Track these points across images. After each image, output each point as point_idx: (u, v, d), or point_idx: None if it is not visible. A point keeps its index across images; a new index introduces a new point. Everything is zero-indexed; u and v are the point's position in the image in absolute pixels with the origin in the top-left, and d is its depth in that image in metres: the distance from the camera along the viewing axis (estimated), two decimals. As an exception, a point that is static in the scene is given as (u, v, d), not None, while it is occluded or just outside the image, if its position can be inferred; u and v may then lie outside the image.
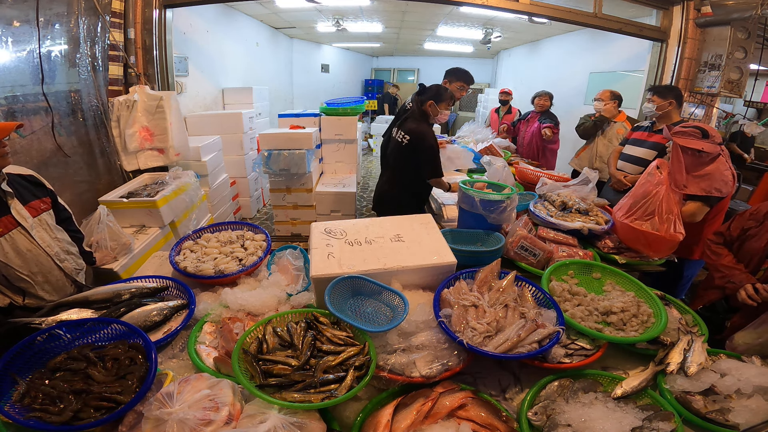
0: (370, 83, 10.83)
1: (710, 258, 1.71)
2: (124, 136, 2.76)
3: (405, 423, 0.97)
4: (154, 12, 2.98)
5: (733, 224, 1.72)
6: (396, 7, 5.41)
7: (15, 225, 1.46)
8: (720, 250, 1.69)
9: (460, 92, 2.87)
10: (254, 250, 1.72)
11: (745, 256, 1.64)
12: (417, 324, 1.23)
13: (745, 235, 1.65)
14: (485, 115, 6.24)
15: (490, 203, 1.81)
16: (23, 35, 2.17)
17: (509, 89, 4.97)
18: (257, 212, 4.75)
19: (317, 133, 3.95)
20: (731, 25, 3.08)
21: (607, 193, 2.81)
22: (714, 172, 1.80)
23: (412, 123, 2.24)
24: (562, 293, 1.44)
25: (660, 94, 2.49)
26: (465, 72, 2.87)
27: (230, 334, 1.22)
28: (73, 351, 1.11)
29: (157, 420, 0.88)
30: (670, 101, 2.47)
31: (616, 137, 3.15)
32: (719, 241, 1.74)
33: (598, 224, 1.94)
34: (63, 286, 1.62)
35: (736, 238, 1.69)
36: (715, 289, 1.69)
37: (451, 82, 2.89)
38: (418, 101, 2.24)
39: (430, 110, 2.21)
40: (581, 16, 3.43)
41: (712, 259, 1.70)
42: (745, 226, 1.66)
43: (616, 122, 3.18)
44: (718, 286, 1.63)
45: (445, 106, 2.22)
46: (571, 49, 6.00)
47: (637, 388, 1.10)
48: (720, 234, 1.74)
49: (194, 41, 4.25)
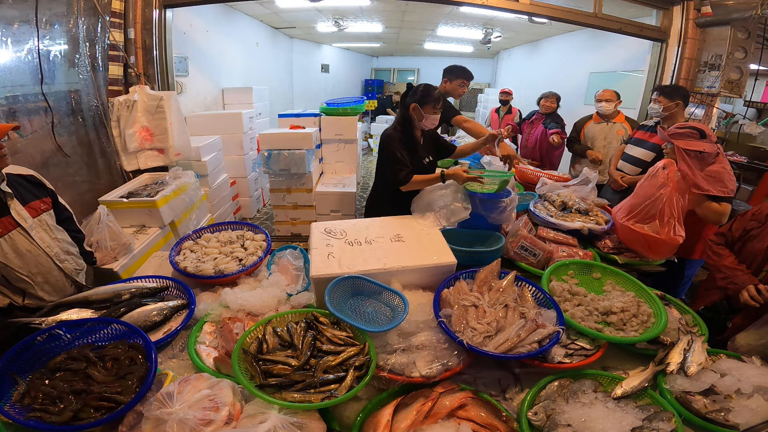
0: (370, 83, 10.83)
1: (711, 259, 1.70)
2: (124, 136, 2.76)
3: (405, 423, 0.97)
4: (154, 12, 2.98)
5: (735, 225, 1.71)
6: (396, 7, 5.41)
7: (14, 226, 1.46)
8: (721, 251, 1.68)
9: (461, 89, 2.84)
10: (254, 250, 1.72)
11: (747, 257, 1.63)
12: (417, 324, 1.23)
13: (747, 236, 1.65)
14: (485, 115, 6.24)
15: (489, 203, 1.81)
16: (23, 35, 2.17)
17: (509, 89, 4.97)
18: (257, 212, 4.75)
19: (317, 133, 3.95)
20: (731, 25, 3.08)
21: (607, 192, 2.81)
22: (722, 172, 1.78)
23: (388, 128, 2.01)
24: (562, 293, 1.44)
25: (667, 95, 2.43)
26: (463, 68, 2.83)
27: (230, 334, 1.22)
28: (73, 351, 1.11)
29: (157, 420, 0.88)
30: (677, 102, 2.41)
31: (615, 138, 3.13)
32: (720, 241, 1.73)
33: (598, 224, 1.94)
34: (63, 286, 1.62)
35: (738, 238, 1.68)
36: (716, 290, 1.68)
37: (451, 80, 2.85)
38: (403, 104, 1.96)
39: (414, 114, 1.91)
40: (581, 16, 3.43)
41: (714, 260, 1.69)
42: (747, 227, 1.65)
43: (616, 123, 3.17)
44: (720, 287, 1.62)
45: (431, 109, 1.90)
46: (571, 49, 6.00)
47: (637, 388, 1.10)
48: (721, 235, 1.73)
49: (194, 41, 4.25)
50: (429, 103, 1.89)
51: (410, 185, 1.88)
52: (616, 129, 3.14)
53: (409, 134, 1.96)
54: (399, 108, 2.00)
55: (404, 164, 1.88)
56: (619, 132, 3.13)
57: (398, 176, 1.86)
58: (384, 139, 1.96)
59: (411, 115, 1.93)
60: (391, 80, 11.14)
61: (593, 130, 3.25)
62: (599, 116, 3.23)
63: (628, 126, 3.13)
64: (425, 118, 1.92)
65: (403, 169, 1.86)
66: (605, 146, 3.18)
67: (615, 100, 3.14)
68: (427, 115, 1.91)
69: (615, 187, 2.72)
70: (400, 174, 1.86)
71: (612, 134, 3.15)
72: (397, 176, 1.86)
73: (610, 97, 3.14)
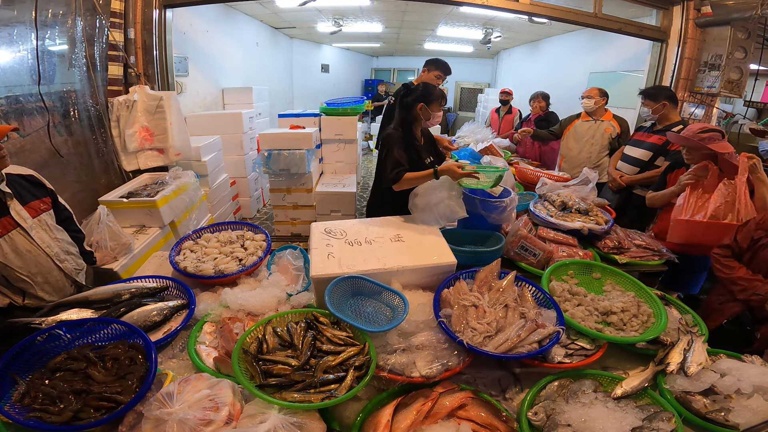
0: (370, 83, 10.81)
1: (722, 272, 1.64)
2: (124, 136, 2.76)
3: (405, 423, 0.97)
4: (154, 12, 2.97)
5: (740, 236, 1.65)
6: (396, 7, 5.41)
7: (14, 226, 1.45)
8: (731, 263, 1.63)
9: (437, 81, 2.90)
10: (254, 250, 1.72)
11: (760, 266, 1.58)
12: (417, 324, 1.23)
13: (756, 246, 1.60)
14: (485, 115, 6.24)
15: (488, 204, 1.81)
16: (21, 35, 2.16)
17: (509, 89, 4.97)
18: (257, 212, 4.74)
19: (317, 133, 3.95)
20: (731, 25, 3.08)
21: (606, 193, 2.81)
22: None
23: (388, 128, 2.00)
24: (562, 293, 1.44)
25: (651, 97, 2.48)
26: (444, 63, 2.89)
27: (230, 334, 1.22)
28: (73, 351, 1.11)
29: (157, 420, 0.88)
30: (663, 103, 2.46)
31: (602, 136, 3.13)
32: (727, 254, 1.66)
33: (598, 224, 1.94)
34: (63, 286, 1.62)
35: (747, 249, 1.63)
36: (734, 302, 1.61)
37: (430, 70, 2.90)
38: (405, 104, 1.94)
39: (421, 114, 1.91)
40: (581, 16, 3.43)
41: (726, 273, 1.62)
42: (755, 237, 1.60)
43: (604, 121, 3.16)
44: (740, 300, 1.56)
45: (437, 107, 1.91)
46: (571, 49, 6.00)
47: (637, 388, 1.11)
48: (726, 247, 1.67)
49: (194, 41, 4.25)
50: (435, 101, 1.91)
51: (402, 183, 1.85)
52: (604, 127, 3.13)
53: (409, 134, 1.95)
54: (398, 109, 1.98)
55: (399, 163, 1.85)
56: (607, 130, 3.12)
57: (389, 174, 1.84)
58: (384, 138, 1.95)
59: (415, 115, 1.93)
60: (391, 80, 11.12)
61: (581, 128, 3.25)
62: (587, 114, 3.23)
63: (616, 124, 3.12)
64: (432, 117, 1.93)
65: (395, 168, 1.84)
66: (592, 144, 3.17)
67: (597, 98, 3.12)
68: (434, 113, 1.92)
69: (614, 186, 2.73)
70: (392, 172, 1.84)
71: (599, 132, 3.15)
72: (388, 175, 1.84)
73: (591, 93, 3.15)
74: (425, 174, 1.80)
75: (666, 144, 2.45)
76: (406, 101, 1.93)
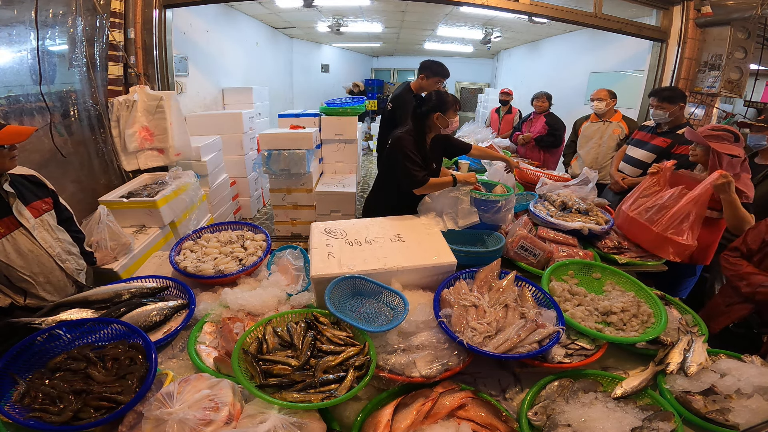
0: (370, 83, 10.81)
1: (730, 270, 1.63)
2: (124, 136, 2.76)
3: (405, 423, 0.97)
4: (154, 12, 2.98)
5: (749, 237, 1.64)
6: (396, 7, 5.41)
7: (17, 226, 1.46)
8: (740, 262, 1.63)
9: (437, 86, 2.81)
10: (254, 250, 1.72)
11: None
12: (417, 324, 1.23)
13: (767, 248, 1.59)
14: (485, 115, 6.24)
15: (484, 203, 1.81)
16: (21, 35, 2.16)
17: (509, 89, 4.97)
18: (257, 212, 4.74)
19: (317, 133, 3.94)
20: (731, 25, 3.08)
21: (607, 194, 2.80)
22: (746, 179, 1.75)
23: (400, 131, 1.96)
24: (562, 293, 1.44)
25: (669, 100, 2.43)
26: (440, 65, 2.78)
27: (230, 334, 1.22)
28: (73, 351, 1.11)
29: (157, 420, 0.88)
30: (681, 105, 2.44)
31: (611, 138, 3.13)
32: (736, 255, 1.67)
33: (598, 224, 1.94)
34: (64, 286, 1.62)
35: (757, 250, 1.62)
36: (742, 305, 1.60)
37: (428, 77, 2.80)
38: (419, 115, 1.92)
39: (439, 122, 1.89)
40: (581, 16, 3.43)
41: (734, 270, 1.61)
42: (766, 238, 1.60)
43: (612, 122, 3.16)
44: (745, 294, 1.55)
45: (452, 113, 1.90)
46: (571, 49, 5.99)
47: (637, 388, 1.11)
48: (735, 249, 1.67)
49: (194, 41, 4.25)
50: (450, 108, 1.89)
51: (425, 188, 1.86)
52: (612, 128, 3.13)
53: (421, 141, 1.93)
54: (412, 119, 1.96)
55: (420, 165, 1.85)
56: (615, 131, 3.11)
57: (416, 177, 1.82)
58: (396, 141, 1.91)
59: (430, 125, 1.91)
60: (392, 80, 11.12)
61: (589, 129, 3.25)
62: (596, 116, 3.23)
63: (625, 125, 3.11)
64: (450, 123, 1.91)
65: (421, 170, 1.84)
66: (600, 145, 3.16)
67: (608, 99, 3.12)
68: (451, 119, 1.91)
69: (616, 188, 2.72)
70: (418, 175, 1.82)
71: (608, 133, 3.14)
72: (414, 177, 1.82)
73: (602, 96, 3.14)
74: (446, 181, 1.87)
75: (670, 147, 2.44)
76: (420, 112, 1.91)
